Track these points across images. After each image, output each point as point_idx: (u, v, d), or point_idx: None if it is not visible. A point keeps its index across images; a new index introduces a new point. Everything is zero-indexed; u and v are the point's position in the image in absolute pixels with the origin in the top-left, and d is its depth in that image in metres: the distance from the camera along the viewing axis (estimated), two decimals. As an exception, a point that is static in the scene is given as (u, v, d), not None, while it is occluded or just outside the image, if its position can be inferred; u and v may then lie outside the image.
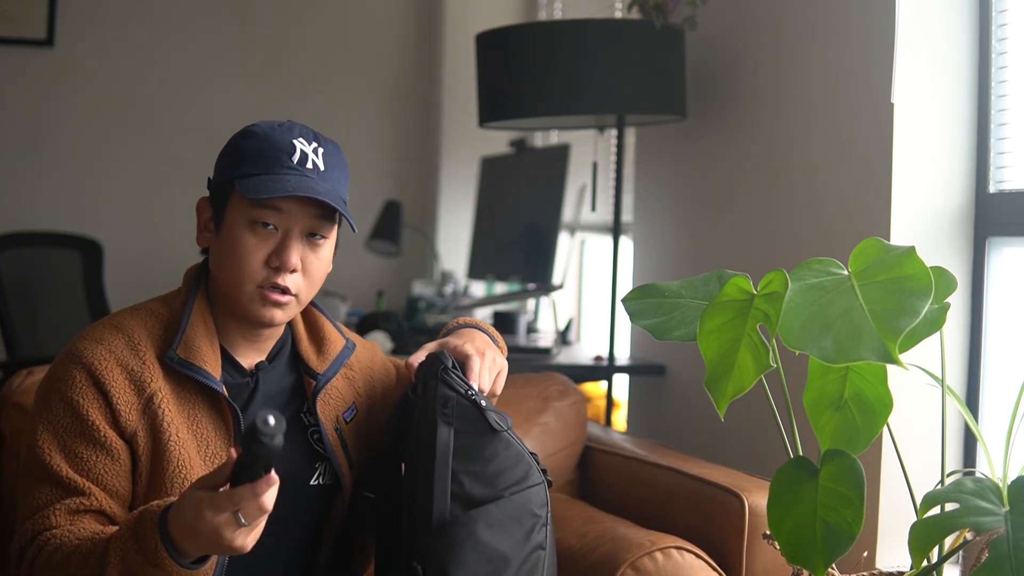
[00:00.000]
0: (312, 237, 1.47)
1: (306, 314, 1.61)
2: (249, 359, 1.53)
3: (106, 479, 1.40)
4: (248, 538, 1.23)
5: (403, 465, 1.53)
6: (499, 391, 1.56)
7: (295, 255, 1.44)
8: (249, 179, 1.42)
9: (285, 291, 1.45)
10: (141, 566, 1.26)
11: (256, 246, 1.44)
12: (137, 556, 1.26)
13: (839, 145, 2.14)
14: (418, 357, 1.52)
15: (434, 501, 1.41)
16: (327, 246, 1.49)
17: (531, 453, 1.49)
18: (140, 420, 1.41)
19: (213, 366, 1.45)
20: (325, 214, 1.46)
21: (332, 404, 1.57)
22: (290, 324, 1.59)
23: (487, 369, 1.52)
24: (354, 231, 1.51)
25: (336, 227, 1.51)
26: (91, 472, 1.39)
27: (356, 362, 1.64)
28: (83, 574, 1.29)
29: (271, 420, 1.13)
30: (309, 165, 1.45)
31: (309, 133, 1.48)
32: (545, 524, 1.47)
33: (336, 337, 1.61)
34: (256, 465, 1.18)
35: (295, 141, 1.45)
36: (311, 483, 1.54)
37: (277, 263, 1.44)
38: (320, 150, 1.47)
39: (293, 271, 1.45)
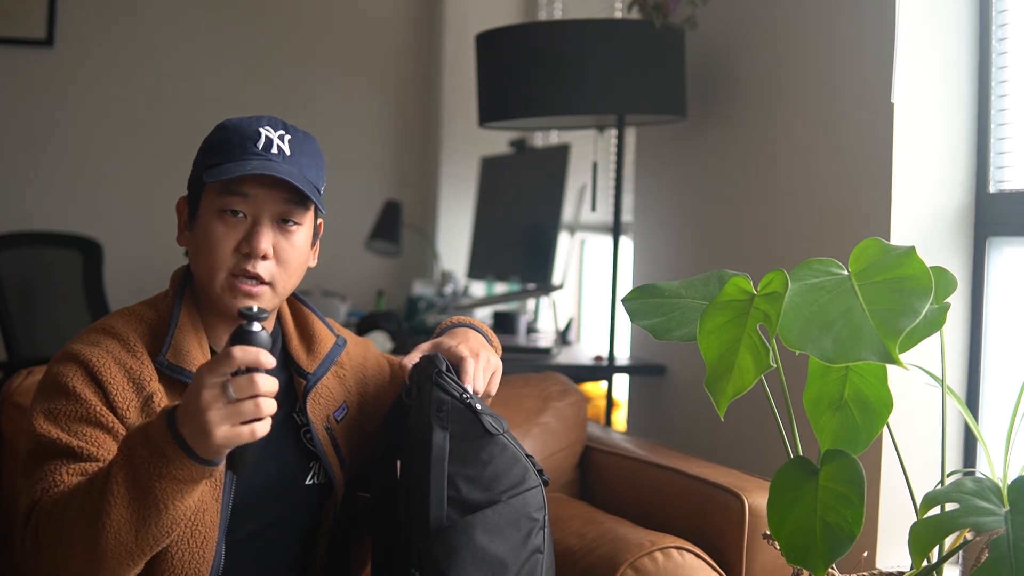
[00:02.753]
0: (284, 223, 1.46)
1: (295, 312, 1.61)
2: None
3: (111, 456, 1.35)
4: (224, 425, 1.16)
5: (399, 465, 1.53)
6: (493, 392, 1.55)
7: (264, 240, 1.43)
8: (214, 167, 1.42)
9: (258, 280, 1.44)
10: (146, 460, 1.20)
11: (225, 234, 1.43)
12: (143, 450, 1.21)
13: (839, 145, 2.14)
14: (412, 359, 1.52)
15: (431, 506, 1.41)
16: (300, 233, 1.48)
17: (528, 455, 1.48)
18: (139, 418, 1.40)
19: None
20: (294, 199, 1.45)
21: (322, 404, 1.57)
22: (280, 323, 1.58)
23: (481, 371, 1.51)
24: (322, 212, 1.50)
25: (311, 214, 1.50)
26: (99, 448, 1.35)
27: (347, 360, 1.63)
28: (88, 498, 1.24)
29: (255, 306, 1.20)
30: (274, 150, 1.45)
31: (278, 122, 1.48)
32: (543, 527, 1.46)
33: (326, 335, 1.60)
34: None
35: (261, 129, 1.45)
36: (306, 483, 1.54)
37: (247, 249, 1.43)
38: (287, 137, 1.46)
39: (264, 257, 1.44)
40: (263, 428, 1.19)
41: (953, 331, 1.98)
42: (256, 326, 1.20)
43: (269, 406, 1.19)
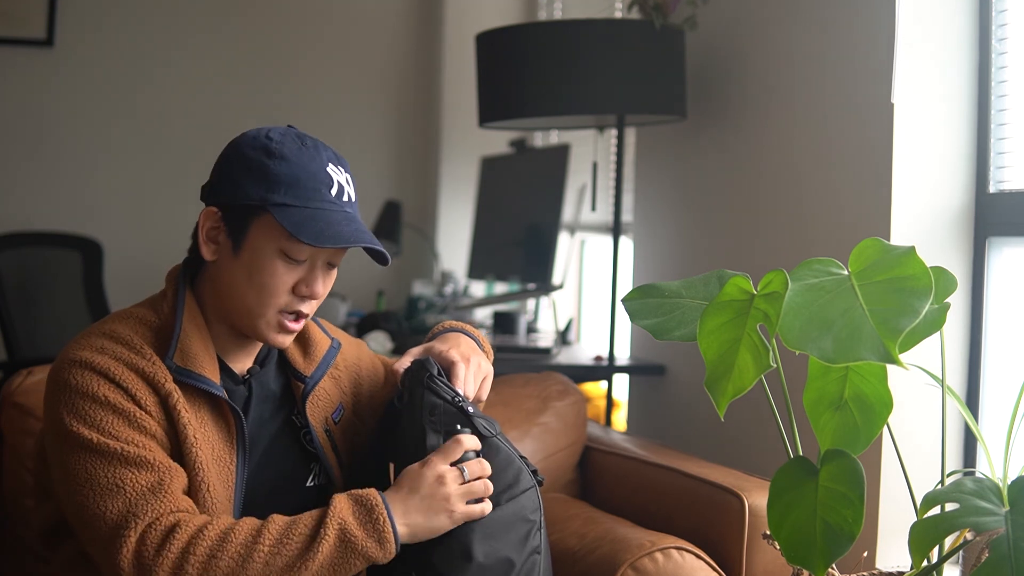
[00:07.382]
0: (331, 265, 1.48)
1: None
2: (241, 364, 1.52)
3: (160, 458, 1.37)
4: (461, 502, 1.37)
5: (391, 468, 1.53)
6: (484, 396, 1.55)
7: (322, 285, 1.46)
8: (290, 210, 1.40)
9: (299, 316, 1.46)
10: (360, 541, 1.34)
11: (286, 274, 1.43)
12: (358, 530, 1.34)
13: (839, 145, 2.14)
14: (403, 363, 1.52)
15: None
16: (336, 270, 1.50)
17: (521, 456, 1.49)
18: (161, 417, 1.39)
19: (212, 372, 1.44)
20: (349, 248, 1.46)
21: (320, 406, 1.57)
22: None
23: (472, 375, 1.51)
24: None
25: None
26: (149, 451, 1.35)
27: (342, 361, 1.64)
28: (281, 556, 1.33)
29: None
30: (345, 198, 1.45)
31: (333, 156, 1.46)
32: (539, 528, 1.46)
33: (322, 338, 1.61)
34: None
35: (329, 171, 1.43)
36: (308, 484, 1.54)
37: (306, 292, 1.44)
38: (349, 178, 1.47)
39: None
40: (489, 507, 1.41)
41: (953, 331, 1.98)
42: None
43: (491, 487, 1.41)
